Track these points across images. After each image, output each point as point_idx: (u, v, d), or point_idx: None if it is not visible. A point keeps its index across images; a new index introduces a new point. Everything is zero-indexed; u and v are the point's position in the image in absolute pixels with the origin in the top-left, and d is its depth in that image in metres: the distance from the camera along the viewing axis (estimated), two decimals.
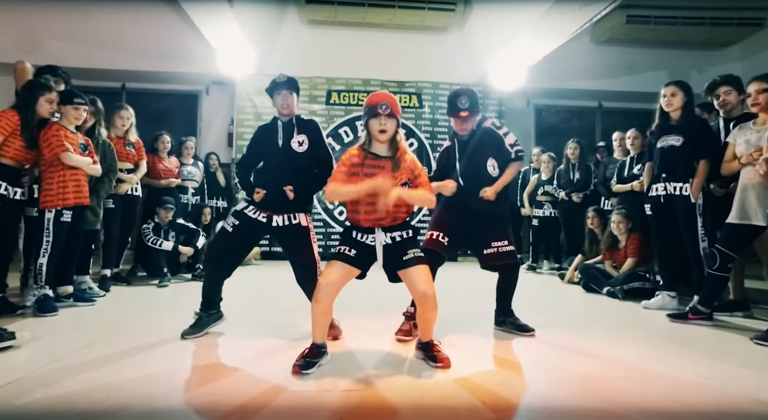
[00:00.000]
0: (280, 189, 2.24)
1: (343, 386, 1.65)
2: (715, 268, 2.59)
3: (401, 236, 1.92)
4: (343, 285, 1.88)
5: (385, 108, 1.86)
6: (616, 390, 1.69)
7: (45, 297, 2.68)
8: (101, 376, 1.72)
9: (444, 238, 2.36)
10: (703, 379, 1.78)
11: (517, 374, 1.92)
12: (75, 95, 2.95)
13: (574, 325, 2.73)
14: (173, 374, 1.79)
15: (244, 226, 2.27)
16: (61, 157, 2.74)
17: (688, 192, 2.91)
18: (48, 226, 2.72)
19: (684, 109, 2.94)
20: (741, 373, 1.87)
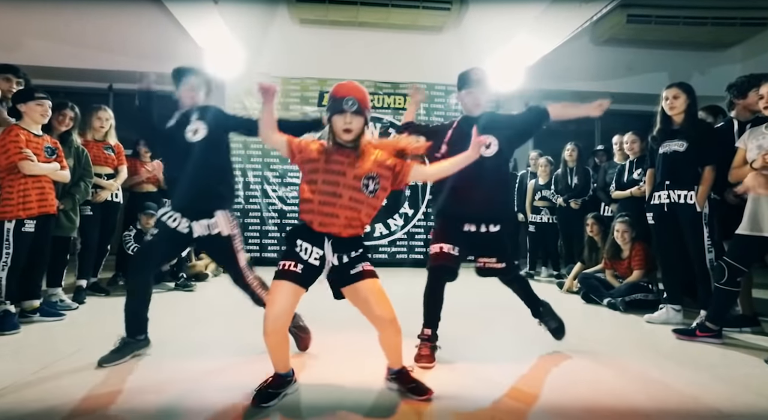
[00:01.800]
0: (187, 187, 2.05)
1: None
2: (723, 282, 2.42)
3: (349, 257, 1.66)
4: (294, 308, 1.63)
5: (351, 104, 1.63)
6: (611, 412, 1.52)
7: (5, 313, 2.49)
8: (49, 408, 1.55)
9: (454, 249, 2.14)
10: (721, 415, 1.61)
11: (508, 392, 1.75)
12: (34, 90, 2.77)
13: (573, 340, 2.56)
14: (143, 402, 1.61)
15: (164, 237, 2.07)
16: (19, 166, 2.55)
17: (693, 200, 2.75)
18: (8, 237, 2.53)
19: (687, 112, 2.78)
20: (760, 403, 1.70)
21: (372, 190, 1.66)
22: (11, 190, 2.56)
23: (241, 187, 5.89)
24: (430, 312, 2.16)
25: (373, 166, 1.68)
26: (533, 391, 1.83)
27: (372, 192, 1.66)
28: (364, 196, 1.64)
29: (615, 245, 3.64)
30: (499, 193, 2.23)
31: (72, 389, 1.72)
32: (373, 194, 1.66)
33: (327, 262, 1.63)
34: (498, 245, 2.23)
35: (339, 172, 1.64)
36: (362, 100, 1.67)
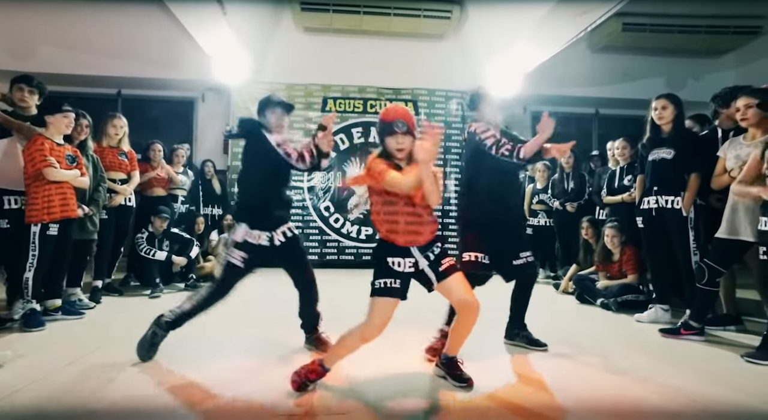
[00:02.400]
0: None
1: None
2: (703, 282, 2.57)
3: (434, 252, 1.83)
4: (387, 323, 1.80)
5: (401, 126, 1.78)
6: (604, 409, 1.67)
7: (32, 311, 2.66)
8: (81, 398, 1.70)
9: (485, 258, 2.30)
10: (697, 405, 1.76)
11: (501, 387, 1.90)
12: (62, 103, 2.93)
13: (566, 337, 2.71)
14: (158, 397, 1.77)
15: (253, 257, 2.19)
16: (44, 173, 2.72)
17: (679, 205, 2.90)
18: (34, 240, 2.70)
19: (675, 122, 2.93)
20: (734, 397, 1.85)
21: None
22: (36, 196, 2.73)
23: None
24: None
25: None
26: (528, 385, 1.97)
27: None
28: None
29: (606, 249, 3.79)
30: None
31: (98, 382, 1.87)
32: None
33: (423, 266, 1.80)
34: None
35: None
36: (410, 122, 1.81)
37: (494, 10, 5.36)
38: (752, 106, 2.44)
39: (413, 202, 1.77)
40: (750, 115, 2.46)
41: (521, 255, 2.38)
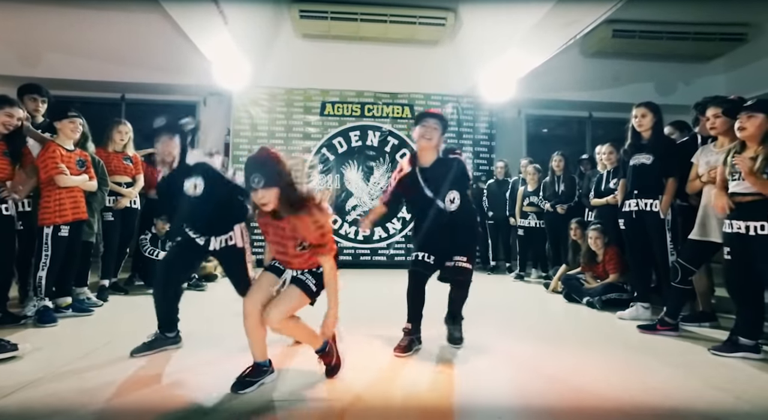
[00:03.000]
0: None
1: None
2: (677, 281, 2.73)
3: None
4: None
5: (257, 181, 1.75)
6: (576, 396, 1.83)
7: (45, 308, 2.82)
8: (96, 387, 1.86)
9: (429, 257, 2.47)
10: (661, 392, 1.92)
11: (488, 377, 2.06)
12: (68, 108, 3.07)
13: (552, 333, 2.87)
14: (166, 388, 1.93)
15: (185, 246, 2.38)
16: (55, 180, 2.87)
17: (657, 208, 3.06)
18: (47, 241, 2.87)
19: (654, 129, 3.09)
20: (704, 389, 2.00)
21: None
22: (49, 200, 2.89)
23: None
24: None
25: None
26: (516, 376, 2.14)
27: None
28: None
29: (590, 251, 3.95)
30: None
31: (108, 376, 2.02)
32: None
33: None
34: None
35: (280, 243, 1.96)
36: (269, 171, 1.77)
37: (487, 17, 5.51)
38: (720, 116, 2.60)
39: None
40: (718, 123, 2.62)
41: (454, 258, 2.46)
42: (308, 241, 1.83)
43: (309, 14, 5.59)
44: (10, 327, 2.70)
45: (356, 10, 5.56)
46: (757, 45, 5.91)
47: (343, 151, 6.38)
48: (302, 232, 1.81)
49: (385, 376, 2.09)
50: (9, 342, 2.15)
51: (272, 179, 1.73)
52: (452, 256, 2.45)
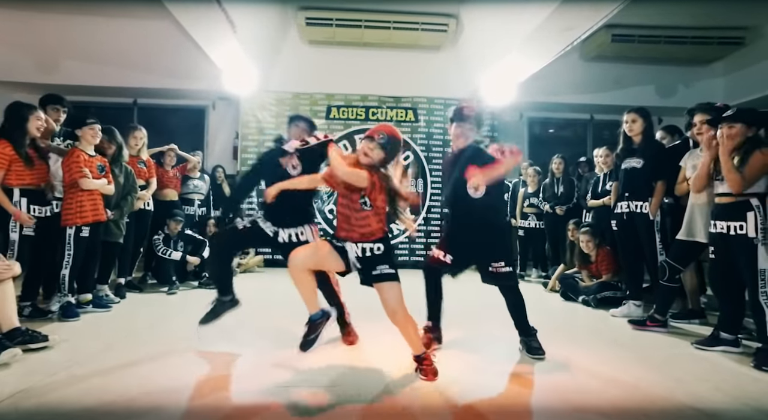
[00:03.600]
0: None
1: None
2: (665, 279, 2.87)
3: (372, 252, 2.10)
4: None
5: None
6: (567, 387, 1.98)
7: (68, 304, 3.02)
8: (119, 377, 2.04)
9: (446, 256, 2.50)
10: (645, 383, 2.06)
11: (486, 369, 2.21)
12: (87, 116, 3.28)
13: (548, 330, 2.99)
14: (183, 378, 2.10)
15: (252, 232, 2.55)
16: (79, 183, 3.08)
17: (647, 210, 3.19)
18: (69, 241, 3.06)
19: (644, 134, 3.22)
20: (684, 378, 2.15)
21: (369, 204, 2.18)
22: (71, 202, 3.08)
23: (254, 194, 6.39)
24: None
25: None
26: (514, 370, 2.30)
27: (369, 206, 2.18)
28: None
29: (583, 253, 4.09)
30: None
31: (130, 365, 2.20)
32: (370, 207, 2.18)
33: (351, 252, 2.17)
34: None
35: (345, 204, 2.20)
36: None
37: (488, 23, 5.65)
38: (706, 122, 2.73)
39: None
40: (704, 130, 2.75)
41: (493, 265, 2.44)
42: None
43: (315, 21, 5.76)
44: (38, 320, 2.89)
45: (360, 17, 5.73)
46: (755, 48, 5.99)
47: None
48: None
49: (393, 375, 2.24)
50: (41, 333, 2.33)
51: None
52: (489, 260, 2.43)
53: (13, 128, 2.88)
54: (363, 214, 2.09)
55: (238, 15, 4.69)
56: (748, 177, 2.27)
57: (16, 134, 2.88)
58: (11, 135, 2.87)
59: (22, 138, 2.89)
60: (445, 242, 2.56)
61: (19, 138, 2.88)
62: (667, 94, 6.89)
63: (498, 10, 5.27)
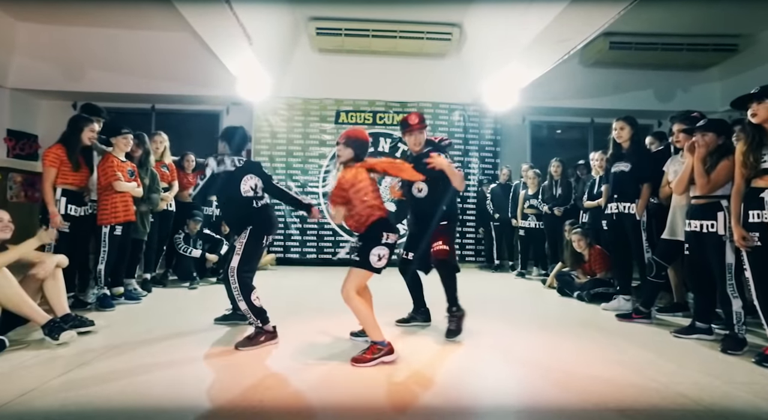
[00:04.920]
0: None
1: None
2: (651, 275, 3.11)
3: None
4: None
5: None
6: (556, 377, 2.24)
7: (104, 295, 3.33)
8: (160, 360, 2.33)
9: (408, 254, 2.95)
10: (624, 366, 2.32)
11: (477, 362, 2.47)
12: (121, 127, 3.60)
13: (543, 322, 3.27)
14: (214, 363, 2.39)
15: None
16: (113, 185, 3.40)
17: (634, 211, 3.44)
18: (104, 239, 3.38)
19: (632, 140, 3.47)
20: (656, 361, 2.40)
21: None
22: (106, 204, 3.40)
23: None
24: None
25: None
26: (515, 356, 2.56)
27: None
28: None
29: (575, 252, 4.34)
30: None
31: (165, 350, 2.49)
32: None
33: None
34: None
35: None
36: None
37: (490, 32, 5.91)
38: (682, 131, 2.97)
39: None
40: (681, 138, 2.99)
41: (433, 245, 2.83)
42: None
43: (325, 31, 6.06)
44: (78, 310, 3.19)
45: (368, 27, 6.02)
46: (750, 54, 6.20)
47: None
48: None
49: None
50: (88, 318, 2.64)
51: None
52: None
53: (70, 135, 3.31)
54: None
55: (253, 26, 4.99)
56: (714, 180, 2.52)
57: (72, 141, 3.29)
58: (68, 141, 3.29)
59: (75, 145, 3.30)
60: (406, 241, 2.98)
61: (73, 144, 3.29)
62: (666, 99, 7.10)
63: (499, 19, 5.53)
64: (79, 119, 3.41)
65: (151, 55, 6.40)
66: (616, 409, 1.78)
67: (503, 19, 5.39)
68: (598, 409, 1.79)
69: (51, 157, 3.22)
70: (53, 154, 3.23)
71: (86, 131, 3.35)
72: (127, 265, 3.81)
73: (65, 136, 3.35)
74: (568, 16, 4.27)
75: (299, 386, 1.97)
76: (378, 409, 1.76)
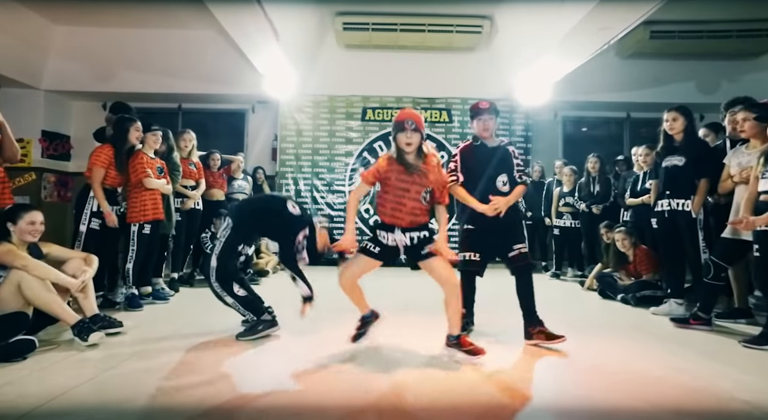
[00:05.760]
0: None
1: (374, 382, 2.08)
2: (709, 277, 2.86)
3: (419, 237, 2.26)
4: (363, 273, 2.34)
5: (411, 123, 2.20)
6: (612, 383, 2.03)
7: (132, 295, 3.28)
8: (186, 359, 2.24)
9: (476, 255, 2.67)
10: (685, 376, 2.10)
11: (530, 370, 2.28)
12: (151, 124, 3.56)
13: (588, 327, 3.04)
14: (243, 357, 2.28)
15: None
16: (144, 182, 3.35)
17: (689, 208, 3.18)
18: (133, 238, 3.33)
19: (685, 131, 3.21)
20: (723, 370, 2.17)
21: (428, 200, 2.32)
22: (135, 202, 3.35)
23: (293, 194, 6.63)
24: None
25: (432, 182, 2.28)
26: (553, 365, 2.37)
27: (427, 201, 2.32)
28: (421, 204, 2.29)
29: (619, 252, 4.08)
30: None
31: (196, 348, 2.40)
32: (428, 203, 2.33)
33: (400, 242, 2.28)
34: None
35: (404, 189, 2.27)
36: (418, 121, 2.23)
37: (523, 23, 5.68)
38: (749, 119, 2.71)
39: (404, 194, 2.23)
40: (747, 127, 2.73)
41: (515, 247, 2.60)
42: (439, 182, 2.30)
43: (352, 26, 5.94)
44: (107, 310, 3.14)
45: (396, 21, 5.87)
46: None
47: None
48: (432, 176, 2.26)
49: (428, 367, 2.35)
50: (116, 320, 2.57)
51: (420, 127, 2.23)
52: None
53: (118, 137, 3.36)
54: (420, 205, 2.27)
55: (280, 22, 4.91)
56: None
57: (120, 142, 3.34)
58: (116, 142, 3.35)
59: (123, 145, 3.35)
60: (474, 242, 2.70)
61: (120, 145, 3.34)
62: (710, 90, 6.70)
63: (533, 10, 5.30)
64: (125, 120, 3.43)
65: (177, 54, 6.41)
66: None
67: (538, 8, 5.16)
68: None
69: (102, 158, 3.28)
70: (104, 154, 3.29)
71: (132, 131, 3.37)
72: (155, 264, 3.76)
73: (113, 137, 3.40)
74: (611, 2, 4.03)
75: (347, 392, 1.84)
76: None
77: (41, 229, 2.39)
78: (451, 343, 2.26)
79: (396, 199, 2.25)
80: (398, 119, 2.26)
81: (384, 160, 2.30)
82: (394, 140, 2.26)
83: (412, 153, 2.24)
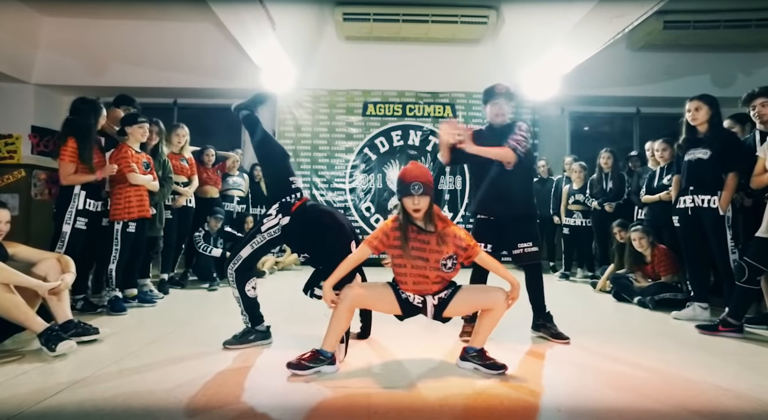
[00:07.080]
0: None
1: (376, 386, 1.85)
2: (743, 280, 2.62)
3: (446, 295, 2.04)
4: (372, 308, 2.18)
5: (417, 188, 1.93)
6: (636, 397, 1.80)
7: (116, 298, 3.05)
8: (166, 372, 2.01)
9: (487, 247, 2.54)
10: (721, 390, 1.86)
11: (542, 377, 2.05)
12: (138, 115, 3.32)
13: (604, 332, 2.81)
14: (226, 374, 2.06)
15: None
16: (128, 177, 3.12)
17: (715, 204, 2.94)
18: (117, 236, 3.10)
19: (710, 122, 2.97)
20: (762, 384, 1.93)
21: (450, 266, 2.04)
22: (119, 198, 3.12)
23: None
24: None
25: (452, 248, 2.02)
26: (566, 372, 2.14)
27: (450, 268, 2.05)
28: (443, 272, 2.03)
29: (636, 252, 3.84)
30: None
31: (178, 357, 2.17)
32: (451, 269, 2.05)
33: (430, 304, 2.05)
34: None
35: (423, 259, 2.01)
36: (426, 183, 1.96)
37: (530, 14, 5.45)
38: None
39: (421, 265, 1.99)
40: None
41: (519, 245, 2.54)
42: (462, 245, 2.02)
43: (352, 17, 5.71)
44: (89, 314, 2.94)
45: (398, 11, 5.64)
46: None
47: (385, 151, 6.47)
48: (452, 241, 2.01)
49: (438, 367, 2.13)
50: (92, 326, 2.34)
51: (429, 189, 1.97)
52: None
53: (76, 126, 3.04)
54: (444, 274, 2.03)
55: (278, 12, 4.69)
56: None
57: (79, 132, 3.02)
58: (75, 132, 3.02)
59: (85, 135, 3.03)
60: (485, 233, 2.60)
61: (82, 136, 3.01)
62: (725, 84, 6.43)
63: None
64: (83, 105, 3.09)
65: (172, 47, 6.20)
66: None
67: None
68: None
69: (68, 152, 2.98)
70: (69, 148, 2.98)
71: (92, 117, 3.04)
72: (141, 264, 3.54)
73: (71, 127, 3.05)
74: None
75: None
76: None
77: (6, 229, 2.17)
78: (470, 355, 2.04)
79: (417, 272, 2.01)
80: (403, 180, 1.98)
81: (390, 223, 2.04)
82: (399, 201, 2.03)
83: (421, 219, 2.00)
